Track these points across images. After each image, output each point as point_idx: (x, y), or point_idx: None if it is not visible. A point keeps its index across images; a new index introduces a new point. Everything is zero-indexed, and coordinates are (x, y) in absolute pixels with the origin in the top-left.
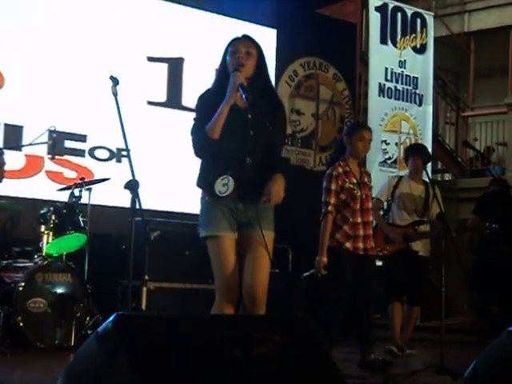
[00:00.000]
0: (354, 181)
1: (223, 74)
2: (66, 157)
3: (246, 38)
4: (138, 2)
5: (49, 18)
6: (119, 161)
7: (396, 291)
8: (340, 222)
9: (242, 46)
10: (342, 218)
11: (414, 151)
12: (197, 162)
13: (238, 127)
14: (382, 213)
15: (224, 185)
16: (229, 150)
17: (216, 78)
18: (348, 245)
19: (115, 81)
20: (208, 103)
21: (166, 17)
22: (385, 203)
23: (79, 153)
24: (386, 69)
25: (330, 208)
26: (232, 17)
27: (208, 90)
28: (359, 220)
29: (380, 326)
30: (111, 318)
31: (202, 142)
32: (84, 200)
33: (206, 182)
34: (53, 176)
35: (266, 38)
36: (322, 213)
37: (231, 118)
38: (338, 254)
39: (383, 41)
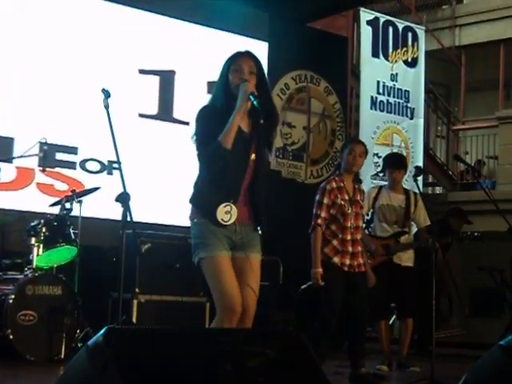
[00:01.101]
0: (346, 197)
1: (224, 91)
2: (57, 169)
3: (249, 56)
4: (130, 15)
5: (40, 30)
6: (110, 173)
7: (380, 308)
8: (329, 236)
9: (245, 65)
10: (331, 233)
11: (391, 165)
12: (188, 176)
13: (240, 152)
14: (364, 225)
15: (227, 212)
16: (231, 175)
17: (217, 95)
18: (336, 259)
19: (107, 93)
20: (210, 118)
21: (158, 30)
22: (368, 214)
23: (70, 165)
24: (378, 82)
25: (319, 221)
26: (223, 30)
27: (206, 107)
28: (349, 237)
29: (370, 339)
30: (102, 332)
31: (215, 153)
32: (75, 212)
33: (207, 208)
34: (44, 188)
35: (258, 51)
36: (312, 225)
37: (235, 142)
38: (326, 267)
39: (375, 54)
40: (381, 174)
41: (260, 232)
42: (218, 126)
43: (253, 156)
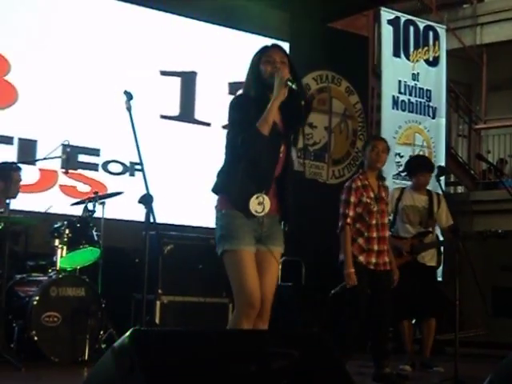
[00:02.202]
0: (372, 195)
1: (257, 82)
2: (79, 171)
3: (278, 48)
4: (150, 17)
5: (62, 33)
6: (132, 174)
7: (403, 308)
8: (355, 235)
9: (277, 56)
10: (356, 232)
11: (419, 168)
12: (210, 176)
13: (272, 144)
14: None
15: (260, 203)
16: (264, 165)
17: (250, 85)
18: (361, 258)
19: (129, 95)
20: (245, 106)
21: (179, 31)
22: (391, 215)
23: (92, 167)
24: (400, 81)
25: (348, 220)
26: (244, 30)
27: (240, 95)
28: (374, 235)
29: (393, 339)
30: (127, 334)
31: (253, 139)
32: (97, 214)
33: (239, 198)
34: (66, 190)
35: None
36: (340, 225)
37: (269, 135)
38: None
39: (396, 53)
40: (403, 174)
41: (286, 228)
42: (253, 113)
43: (283, 148)
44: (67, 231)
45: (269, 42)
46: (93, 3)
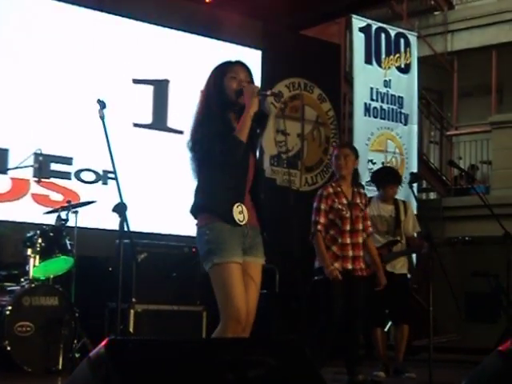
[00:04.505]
0: (344, 201)
1: (219, 97)
2: (52, 179)
3: (244, 66)
4: (123, 25)
5: (34, 41)
6: (105, 183)
7: (374, 316)
8: (329, 242)
9: (242, 75)
10: (330, 239)
11: (385, 181)
12: (183, 184)
13: (243, 156)
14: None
15: (240, 212)
16: (237, 176)
17: (211, 100)
18: (337, 265)
19: (102, 104)
20: (211, 121)
21: (151, 39)
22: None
23: (65, 175)
24: (371, 88)
25: (319, 227)
26: (217, 38)
27: (202, 112)
28: (348, 241)
29: (365, 345)
30: (103, 343)
31: (234, 147)
32: (71, 223)
33: (222, 209)
34: (39, 199)
35: (251, 60)
36: (312, 232)
37: None
38: (326, 275)
39: (368, 61)
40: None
41: (265, 237)
42: (217, 129)
43: (252, 158)
44: (40, 240)
45: (241, 49)
46: (65, 12)
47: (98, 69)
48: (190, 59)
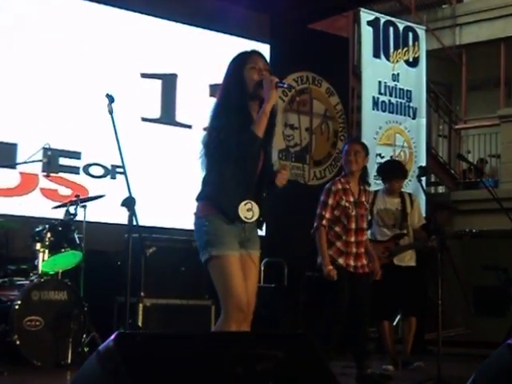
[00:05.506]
0: (351, 199)
1: (240, 89)
2: (60, 174)
3: (260, 56)
4: (131, 19)
5: (42, 34)
6: (114, 177)
7: (383, 310)
8: (333, 238)
9: (261, 63)
10: (334, 235)
11: (390, 174)
12: (192, 179)
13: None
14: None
15: (249, 210)
16: (248, 172)
17: (231, 92)
18: (341, 261)
19: (111, 98)
20: (229, 113)
21: (159, 33)
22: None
23: (74, 170)
24: (380, 82)
25: (323, 222)
26: (225, 32)
27: (221, 104)
28: (352, 239)
29: (375, 339)
30: (112, 337)
31: (250, 141)
32: (79, 217)
33: (228, 205)
34: (47, 193)
35: None
36: (315, 226)
37: None
38: None
39: (376, 54)
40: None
41: (262, 231)
42: (237, 120)
43: (262, 154)
44: (49, 235)
45: (249, 43)
46: (73, 6)
47: (107, 63)
48: (199, 53)
